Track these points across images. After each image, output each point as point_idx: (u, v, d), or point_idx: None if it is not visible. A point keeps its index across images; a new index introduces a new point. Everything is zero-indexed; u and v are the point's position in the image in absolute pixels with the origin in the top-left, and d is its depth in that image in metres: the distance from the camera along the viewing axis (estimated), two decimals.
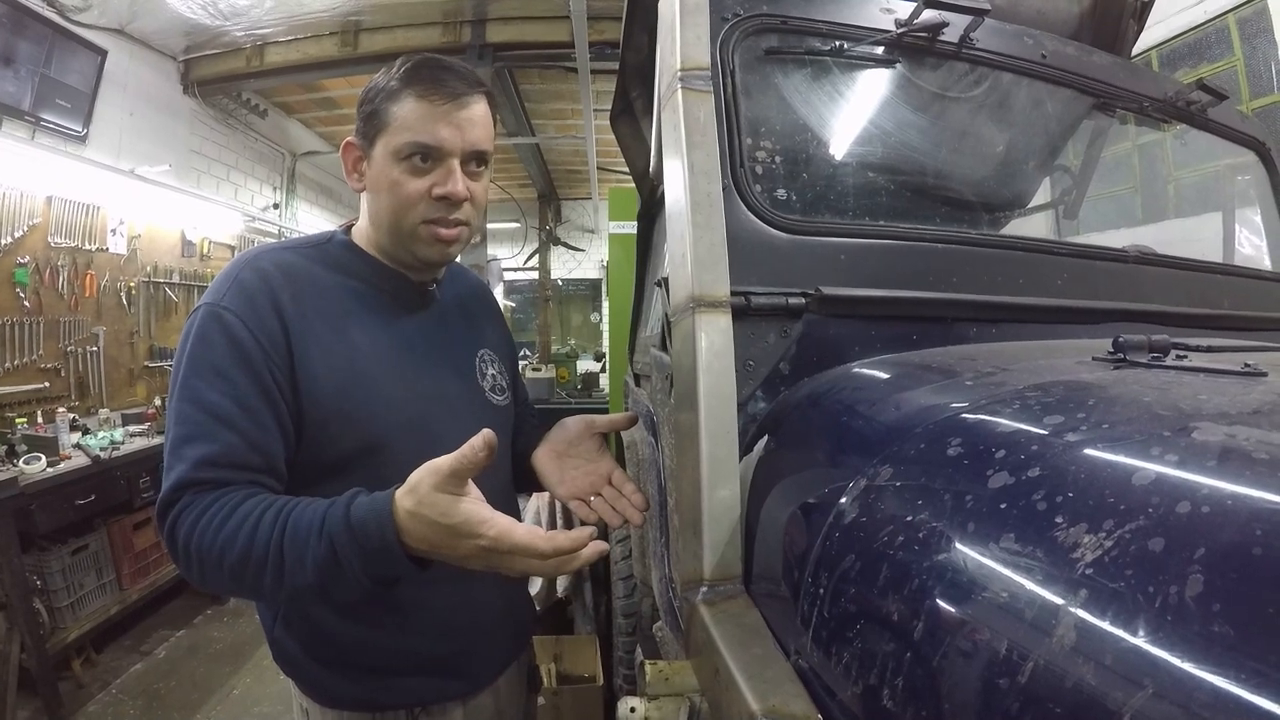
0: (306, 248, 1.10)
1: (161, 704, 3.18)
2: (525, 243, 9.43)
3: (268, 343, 0.95)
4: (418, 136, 1.00)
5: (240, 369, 0.93)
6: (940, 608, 0.51)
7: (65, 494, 3.18)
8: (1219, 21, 3.34)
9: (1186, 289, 1.39)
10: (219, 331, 0.94)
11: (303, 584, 0.84)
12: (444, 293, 1.19)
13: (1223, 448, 0.48)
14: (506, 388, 1.24)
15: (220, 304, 0.96)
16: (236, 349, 0.94)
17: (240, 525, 0.86)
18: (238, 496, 0.89)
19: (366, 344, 1.04)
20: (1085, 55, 1.48)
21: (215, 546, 0.86)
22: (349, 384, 1.00)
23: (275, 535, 0.85)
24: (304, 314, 0.99)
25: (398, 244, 1.07)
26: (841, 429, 0.86)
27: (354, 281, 1.08)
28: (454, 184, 1.01)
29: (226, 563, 0.85)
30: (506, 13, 4.55)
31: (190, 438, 0.91)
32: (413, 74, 1.01)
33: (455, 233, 1.06)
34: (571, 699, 2.62)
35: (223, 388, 0.92)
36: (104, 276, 4.22)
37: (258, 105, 5.77)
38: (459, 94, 1.01)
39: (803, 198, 1.18)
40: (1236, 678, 0.34)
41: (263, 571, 0.85)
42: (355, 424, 1.00)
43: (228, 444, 0.91)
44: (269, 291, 0.98)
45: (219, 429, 0.91)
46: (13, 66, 3.56)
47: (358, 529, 0.82)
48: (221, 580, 0.89)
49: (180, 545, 0.89)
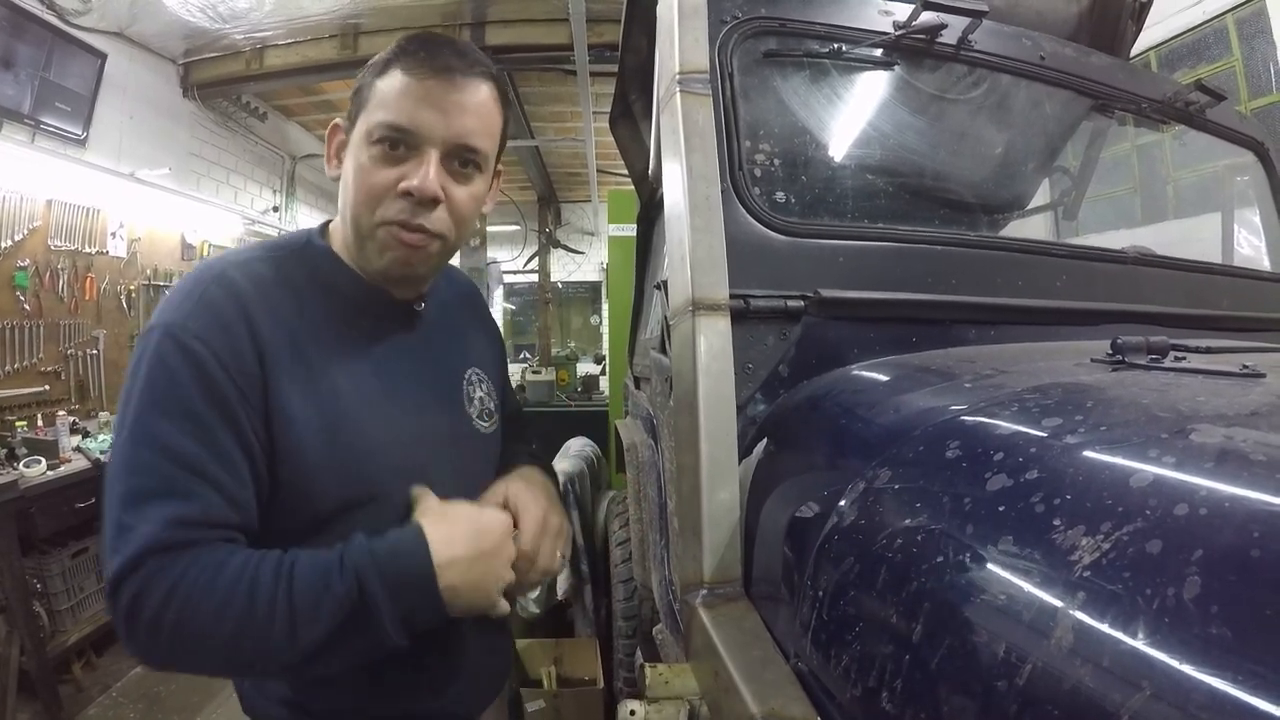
0: (282, 256, 0.92)
1: (161, 707, 3.17)
2: (525, 245, 9.42)
3: (241, 379, 0.79)
4: (391, 115, 0.83)
5: (210, 408, 0.77)
6: (939, 610, 0.51)
7: (65, 497, 3.18)
8: (1217, 22, 3.34)
9: (1185, 290, 1.40)
10: (184, 363, 0.77)
11: (316, 638, 0.74)
12: (430, 309, 1.02)
13: (1220, 450, 0.48)
14: (494, 411, 1.09)
15: (184, 327, 0.79)
16: (204, 383, 0.77)
17: (234, 585, 0.73)
18: (219, 553, 0.75)
19: (348, 381, 0.89)
20: (1084, 56, 1.48)
21: (204, 613, 0.72)
22: (334, 429, 0.85)
23: (281, 586, 0.74)
24: (281, 342, 0.84)
25: (357, 247, 0.90)
26: (840, 431, 0.86)
27: (332, 299, 0.92)
28: (422, 178, 0.83)
29: (222, 629, 0.73)
30: (506, 15, 4.56)
31: (155, 493, 0.74)
32: (405, 45, 0.87)
33: (419, 240, 0.86)
34: (572, 701, 2.62)
35: (192, 431, 0.76)
36: (104, 280, 4.22)
37: (257, 108, 5.77)
38: (451, 70, 0.85)
39: (801, 200, 1.18)
40: (1234, 679, 0.34)
41: (268, 633, 0.73)
42: (343, 475, 0.86)
43: (206, 502, 0.76)
44: (243, 314, 0.82)
45: (193, 483, 0.75)
46: (12, 70, 3.56)
47: (385, 562, 0.76)
48: (210, 655, 0.76)
49: (147, 620, 0.72)
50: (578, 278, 10.29)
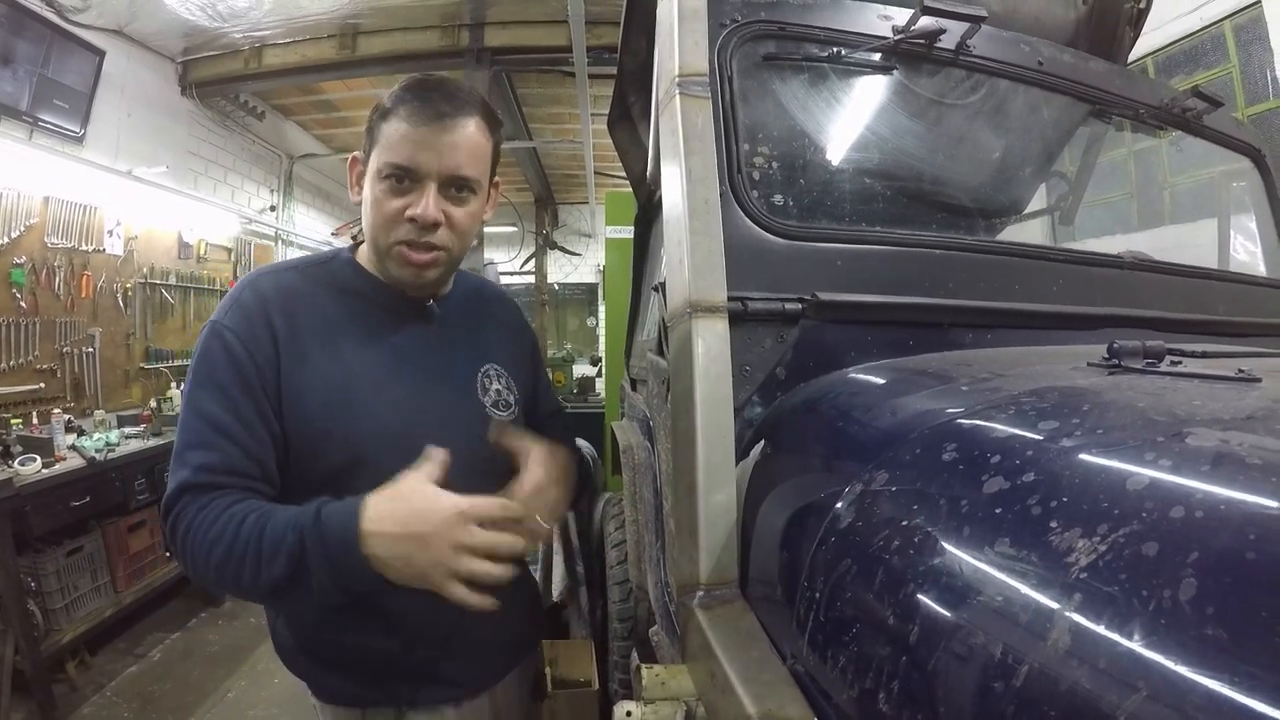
0: (311, 266, 1.15)
1: (156, 707, 3.16)
2: (522, 247, 9.42)
3: (261, 360, 1.02)
4: (394, 158, 1.02)
5: (237, 384, 1.01)
6: (936, 612, 0.52)
7: (60, 495, 3.17)
8: (1215, 28, 3.36)
9: (1181, 295, 1.40)
10: (220, 348, 1.02)
11: (276, 576, 0.90)
12: (449, 308, 1.20)
13: (1216, 453, 0.48)
14: (513, 403, 1.21)
15: (222, 322, 1.04)
16: (234, 365, 1.01)
17: (227, 524, 0.93)
18: (230, 499, 0.97)
19: (357, 362, 1.07)
20: (1082, 62, 1.49)
21: (205, 543, 0.93)
22: (334, 401, 1.04)
23: (254, 531, 0.92)
24: (297, 334, 1.05)
25: (379, 261, 1.10)
26: (837, 434, 0.86)
27: (352, 299, 1.12)
28: (424, 208, 1.02)
29: (213, 558, 0.93)
30: (505, 17, 4.56)
31: (192, 445, 0.99)
32: (403, 93, 1.04)
33: (429, 257, 1.06)
34: (567, 703, 2.61)
35: (222, 401, 1.00)
36: (100, 277, 4.21)
37: (255, 107, 5.77)
38: (442, 115, 1.02)
39: (800, 203, 1.18)
40: (1230, 681, 0.34)
41: (242, 565, 0.91)
42: (338, 440, 1.04)
43: (226, 453, 0.98)
44: (265, 312, 1.04)
45: (218, 439, 0.98)
46: (11, 67, 3.55)
47: (324, 524, 0.90)
48: (210, 575, 0.96)
49: (179, 542, 0.97)
50: (574, 279, 10.30)
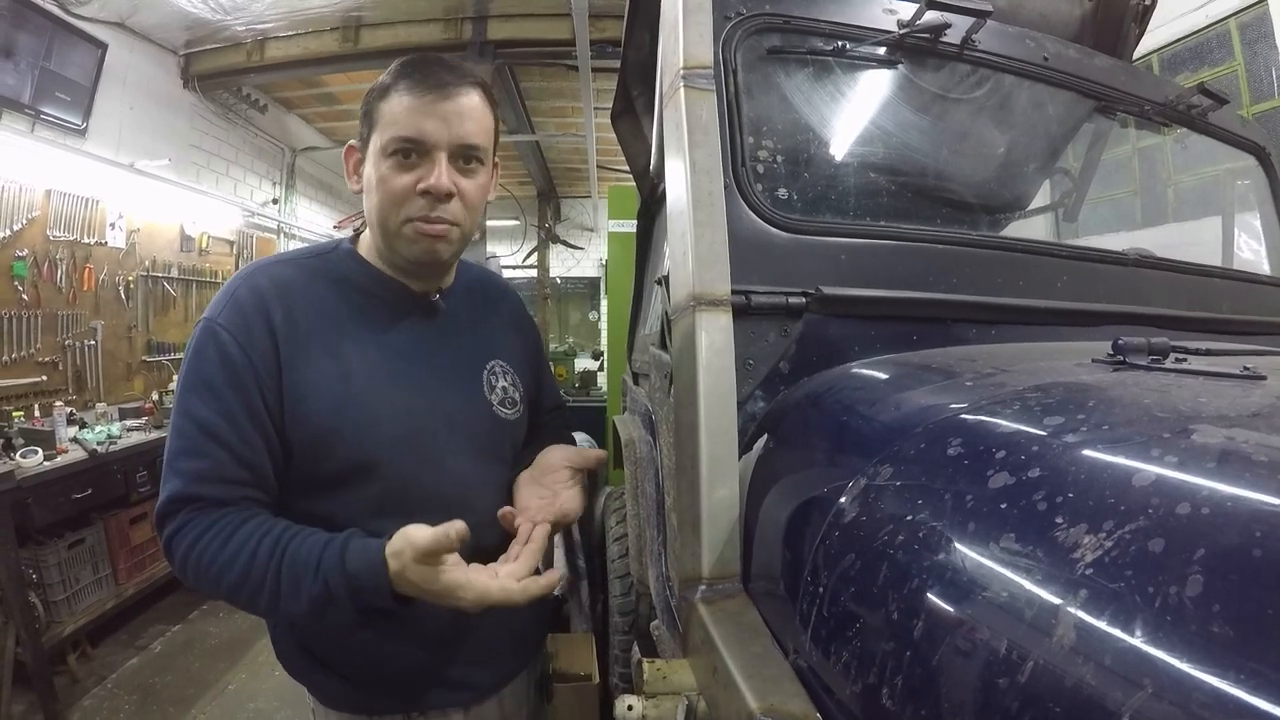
0: (309, 258, 1.10)
1: (157, 699, 3.17)
2: (524, 240, 9.41)
3: (259, 361, 0.97)
4: (402, 130, 0.98)
5: (231, 386, 0.96)
6: (939, 607, 0.51)
7: (62, 488, 3.18)
8: (1220, 26, 3.35)
9: (1186, 292, 1.40)
10: (214, 348, 0.97)
11: (295, 611, 0.91)
12: (453, 302, 1.15)
13: (1222, 450, 0.48)
14: (519, 400, 1.18)
15: (217, 320, 0.98)
16: (228, 366, 0.96)
17: (238, 551, 0.91)
18: (235, 519, 0.94)
19: (360, 360, 1.02)
20: (1087, 58, 1.48)
21: (214, 567, 0.92)
22: (339, 402, 1.00)
23: (272, 565, 0.90)
24: (297, 332, 1.00)
25: (387, 245, 1.05)
26: (841, 428, 0.86)
27: (354, 293, 1.07)
28: (437, 176, 0.98)
29: (224, 583, 0.92)
30: (508, 9, 4.55)
31: (184, 452, 0.95)
32: (401, 70, 1.01)
33: (441, 229, 1.01)
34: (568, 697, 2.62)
35: (215, 404, 0.95)
36: (102, 270, 4.21)
37: (258, 100, 5.76)
38: (445, 84, 0.99)
39: (804, 197, 1.18)
40: (1235, 678, 0.34)
41: (258, 595, 0.91)
42: (345, 442, 0.99)
43: (217, 460, 0.95)
44: (263, 310, 0.99)
45: (209, 445, 0.95)
46: (13, 59, 3.55)
47: (352, 578, 0.89)
48: (218, 594, 0.95)
49: (178, 560, 0.95)
50: (576, 273, 10.29)
